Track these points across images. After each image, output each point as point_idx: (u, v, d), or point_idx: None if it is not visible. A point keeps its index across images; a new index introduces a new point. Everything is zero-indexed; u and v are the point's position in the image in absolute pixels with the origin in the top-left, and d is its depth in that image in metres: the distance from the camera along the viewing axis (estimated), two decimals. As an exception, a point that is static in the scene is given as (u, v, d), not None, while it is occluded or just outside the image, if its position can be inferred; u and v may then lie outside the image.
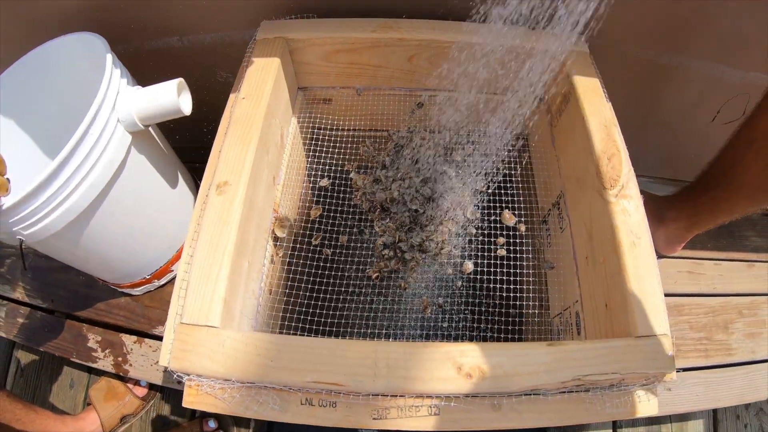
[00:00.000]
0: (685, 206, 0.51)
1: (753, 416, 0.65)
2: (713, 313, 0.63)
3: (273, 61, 0.36)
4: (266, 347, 0.25)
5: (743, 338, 0.61)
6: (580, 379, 0.25)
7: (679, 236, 0.56)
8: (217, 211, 0.29)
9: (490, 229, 0.37)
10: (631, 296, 0.27)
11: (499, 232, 0.38)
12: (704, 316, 0.63)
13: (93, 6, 0.45)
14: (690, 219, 0.52)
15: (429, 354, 0.24)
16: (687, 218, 0.52)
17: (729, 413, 0.64)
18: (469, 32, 0.37)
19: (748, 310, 0.64)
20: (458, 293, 0.35)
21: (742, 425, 0.64)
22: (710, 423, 0.64)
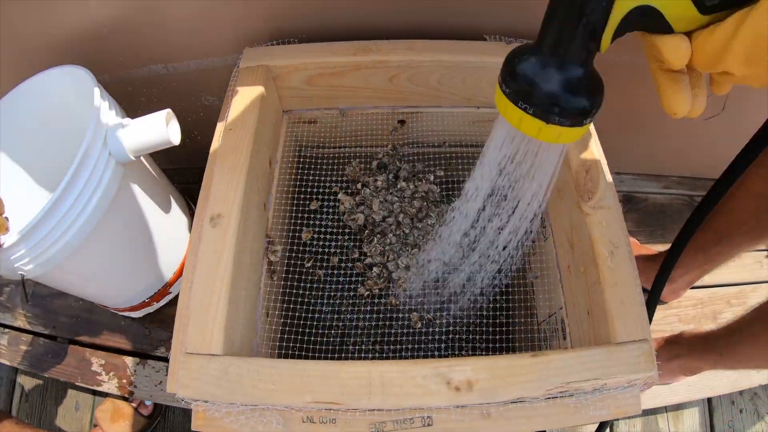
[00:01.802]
0: (695, 260, 0.52)
1: (748, 401, 0.66)
2: (701, 305, 0.64)
3: (257, 90, 0.37)
4: (267, 372, 0.26)
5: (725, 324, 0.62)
6: (564, 386, 0.26)
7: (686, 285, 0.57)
8: (212, 243, 0.30)
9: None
10: (610, 305, 0.29)
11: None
12: (692, 308, 0.64)
13: (78, 38, 0.46)
14: (702, 268, 0.53)
15: (420, 371, 0.25)
16: (698, 267, 0.53)
17: (724, 400, 0.66)
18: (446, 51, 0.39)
19: (736, 299, 0.65)
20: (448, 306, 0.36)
21: (737, 410, 0.66)
22: (705, 410, 0.65)
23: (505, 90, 0.23)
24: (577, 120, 0.22)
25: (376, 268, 0.38)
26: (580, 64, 0.21)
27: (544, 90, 0.21)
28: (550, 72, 0.21)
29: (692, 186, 0.74)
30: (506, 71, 0.23)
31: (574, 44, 0.21)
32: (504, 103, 0.23)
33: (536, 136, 0.23)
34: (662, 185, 0.74)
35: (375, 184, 0.42)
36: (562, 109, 0.21)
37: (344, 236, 0.41)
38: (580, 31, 0.20)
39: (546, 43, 0.21)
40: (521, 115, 0.22)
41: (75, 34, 0.46)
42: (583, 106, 0.22)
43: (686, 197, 0.73)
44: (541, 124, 0.22)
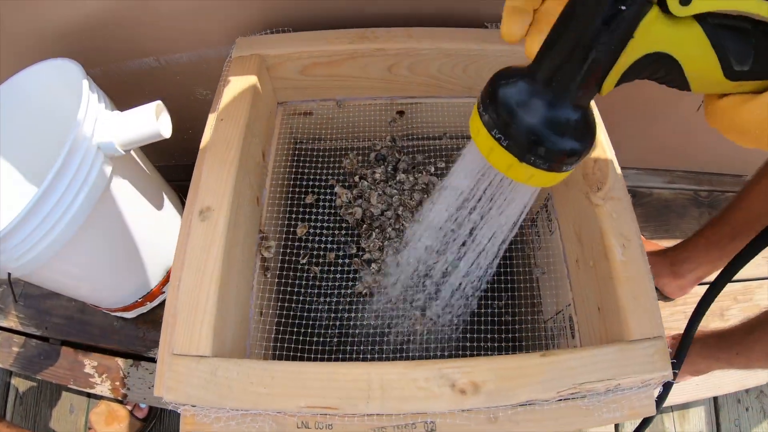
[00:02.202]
0: (708, 256, 0.50)
1: (754, 399, 0.65)
2: (708, 300, 0.63)
3: (249, 79, 0.35)
4: (258, 374, 0.24)
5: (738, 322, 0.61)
6: (576, 387, 0.25)
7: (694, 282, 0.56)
8: (201, 237, 0.28)
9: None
10: (623, 300, 0.27)
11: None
12: (700, 304, 0.63)
13: (69, 31, 0.45)
14: (714, 264, 0.51)
15: (422, 372, 0.24)
16: (709, 263, 0.51)
17: (730, 398, 0.64)
18: (447, 39, 0.37)
19: (742, 296, 0.64)
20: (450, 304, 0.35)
21: (743, 408, 0.65)
22: (711, 408, 0.64)
23: (482, 112, 0.20)
24: (557, 165, 0.19)
25: (375, 265, 0.36)
26: (574, 105, 0.18)
27: (524, 123, 0.18)
28: (536, 105, 0.18)
29: (697, 180, 0.73)
30: (487, 91, 0.20)
31: (573, 83, 0.18)
32: (477, 126, 0.20)
33: (505, 171, 0.20)
34: (666, 180, 0.73)
35: (373, 177, 0.41)
36: (541, 150, 0.18)
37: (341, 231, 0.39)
38: (583, 69, 0.17)
39: (540, 73, 0.18)
40: (493, 144, 0.19)
41: (66, 27, 0.44)
42: (567, 150, 0.19)
43: (691, 192, 0.72)
44: (513, 160, 0.19)
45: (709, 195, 0.72)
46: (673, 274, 0.55)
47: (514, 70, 0.20)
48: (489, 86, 0.20)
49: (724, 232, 0.48)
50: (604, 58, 0.17)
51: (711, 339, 0.48)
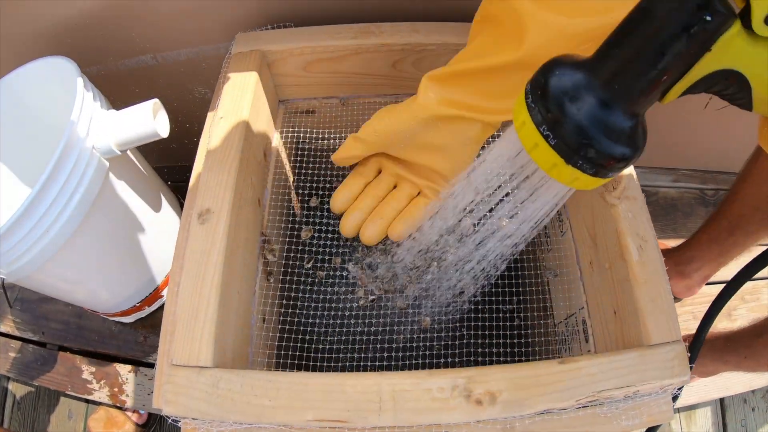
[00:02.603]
0: (710, 252, 0.49)
1: (760, 399, 0.65)
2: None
3: (250, 76, 0.34)
4: (262, 386, 0.23)
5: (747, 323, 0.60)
6: (595, 395, 0.24)
7: (702, 281, 0.55)
8: (200, 241, 0.27)
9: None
10: (641, 303, 0.26)
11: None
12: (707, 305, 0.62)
13: (64, 28, 0.43)
14: (717, 261, 0.50)
15: (435, 383, 0.23)
16: (713, 260, 0.50)
17: (736, 398, 0.64)
18: (454, 33, 0.36)
19: (750, 295, 0.63)
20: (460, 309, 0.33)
21: (750, 409, 0.64)
22: (718, 409, 0.63)
23: (530, 104, 0.18)
24: (603, 171, 0.18)
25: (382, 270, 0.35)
26: (632, 111, 0.17)
27: (577, 124, 0.17)
28: (592, 105, 0.17)
29: (703, 179, 0.72)
30: (539, 81, 0.18)
31: (636, 87, 0.16)
32: (522, 118, 0.19)
33: (548, 170, 0.19)
34: (672, 178, 0.72)
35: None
36: (592, 153, 0.17)
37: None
38: (650, 75, 0.16)
39: (601, 70, 0.17)
40: (539, 140, 0.18)
41: (61, 24, 0.43)
42: (617, 156, 0.17)
43: (697, 190, 0.71)
44: (559, 160, 0.18)
45: (715, 193, 0.71)
46: (680, 274, 0.54)
47: (572, 61, 0.18)
48: (541, 75, 0.18)
49: (721, 227, 0.47)
50: (675, 67, 0.16)
51: (719, 341, 0.47)
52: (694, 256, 0.52)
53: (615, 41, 0.17)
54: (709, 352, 0.47)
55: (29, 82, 0.44)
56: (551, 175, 0.19)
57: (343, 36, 0.36)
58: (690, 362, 0.26)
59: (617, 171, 0.18)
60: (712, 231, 0.49)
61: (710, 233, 0.49)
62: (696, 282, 0.55)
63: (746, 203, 0.44)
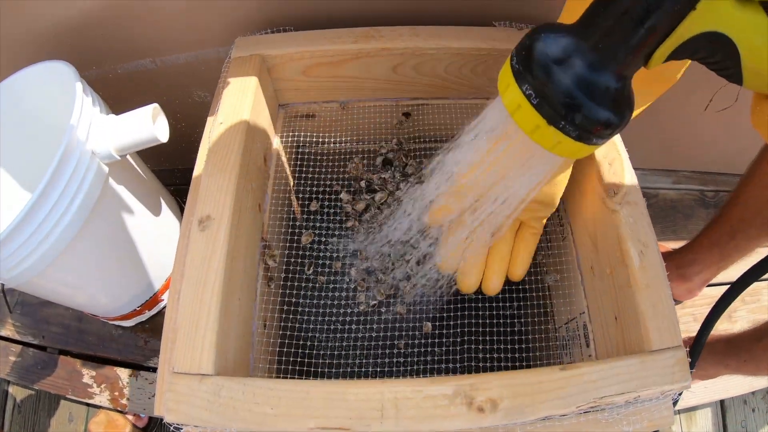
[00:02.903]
0: (711, 256, 0.49)
1: (760, 400, 0.65)
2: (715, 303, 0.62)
3: (250, 81, 0.34)
4: (264, 394, 0.23)
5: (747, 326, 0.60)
6: (596, 401, 0.24)
7: (702, 283, 0.55)
8: (201, 248, 0.27)
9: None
10: (642, 308, 0.26)
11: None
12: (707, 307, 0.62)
13: (63, 32, 0.43)
14: (718, 264, 0.50)
15: (438, 390, 0.23)
16: (714, 264, 0.50)
17: (736, 399, 0.64)
18: (454, 38, 0.36)
19: (750, 297, 0.63)
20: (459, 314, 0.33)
21: (750, 410, 0.64)
22: (718, 410, 0.63)
23: (514, 65, 0.18)
24: (586, 135, 0.17)
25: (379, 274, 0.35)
26: (618, 73, 0.17)
27: (560, 83, 0.17)
28: (577, 65, 0.17)
29: (703, 181, 0.72)
30: (524, 43, 0.18)
31: (622, 48, 0.16)
32: (507, 80, 0.18)
33: (530, 133, 0.18)
34: (672, 180, 0.72)
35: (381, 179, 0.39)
36: (576, 115, 0.17)
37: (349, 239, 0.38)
38: (637, 35, 0.16)
39: (587, 31, 0.17)
40: (521, 101, 0.18)
41: (60, 27, 0.43)
42: (603, 119, 0.17)
43: (697, 192, 0.71)
44: (541, 121, 0.18)
45: (715, 195, 0.71)
46: (680, 277, 0.54)
47: (558, 26, 0.18)
48: (527, 38, 0.18)
49: (723, 230, 0.47)
50: (660, 26, 0.16)
51: (719, 345, 0.47)
52: (695, 259, 0.52)
53: (602, 2, 0.17)
54: (710, 355, 0.47)
55: (28, 86, 0.44)
56: (533, 138, 0.18)
57: (343, 40, 0.36)
58: (690, 367, 0.26)
59: (602, 138, 0.18)
60: (713, 234, 0.49)
61: (711, 237, 0.49)
62: (697, 285, 0.55)
63: (748, 207, 0.43)
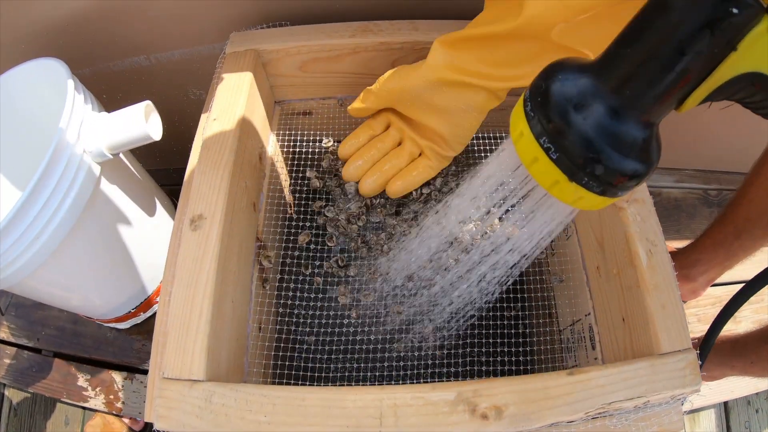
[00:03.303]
0: (716, 256, 0.48)
1: (764, 400, 0.64)
2: (720, 303, 0.61)
3: (245, 76, 0.33)
4: (257, 401, 0.22)
5: (752, 326, 0.59)
6: (605, 407, 0.23)
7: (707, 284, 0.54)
8: (192, 248, 0.26)
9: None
10: (651, 310, 0.25)
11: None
12: (711, 307, 0.61)
13: (56, 29, 0.42)
14: (722, 264, 0.49)
15: (440, 396, 0.22)
16: (719, 264, 0.49)
17: (740, 400, 0.63)
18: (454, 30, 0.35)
19: (755, 297, 0.62)
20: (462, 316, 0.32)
21: (754, 410, 0.63)
22: (722, 411, 0.62)
23: (528, 112, 0.16)
24: (612, 189, 0.16)
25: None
26: (646, 121, 0.15)
27: (582, 135, 0.15)
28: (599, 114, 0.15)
29: (706, 179, 0.71)
30: (539, 86, 0.16)
31: (650, 93, 0.14)
32: (521, 129, 0.16)
33: (548, 188, 0.16)
34: (675, 179, 0.71)
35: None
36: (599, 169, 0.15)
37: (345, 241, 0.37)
38: (667, 79, 0.14)
39: (610, 73, 0.15)
40: (538, 154, 0.16)
41: (52, 26, 0.42)
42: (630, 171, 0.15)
43: (700, 191, 0.71)
44: (561, 177, 0.16)
45: (719, 194, 0.70)
46: (684, 277, 0.53)
47: (576, 64, 0.16)
48: (542, 80, 0.16)
49: (728, 230, 0.46)
50: (695, 69, 0.14)
51: (725, 346, 0.46)
52: (700, 259, 0.51)
53: (626, 40, 0.15)
54: (716, 356, 0.46)
55: (20, 84, 0.43)
56: (552, 193, 0.17)
57: (340, 34, 0.35)
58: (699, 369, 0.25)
59: (627, 190, 0.16)
60: (718, 234, 0.48)
61: (716, 236, 0.48)
62: (701, 285, 0.54)
63: (754, 207, 0.42)
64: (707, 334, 0.28)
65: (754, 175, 0.42)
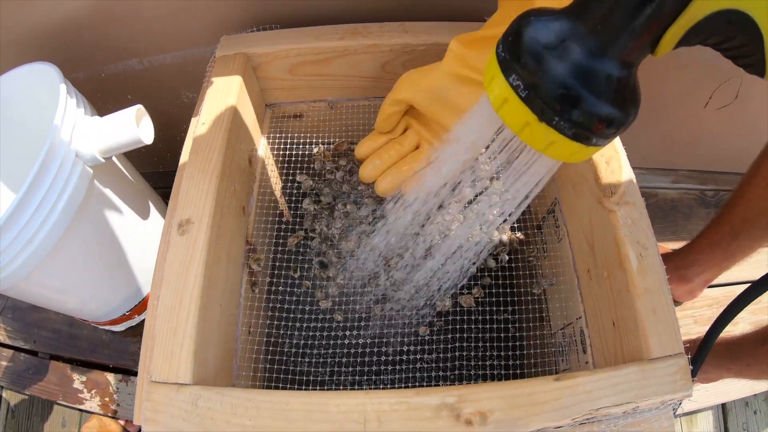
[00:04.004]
0: (713, 257, 0.48)
1: (762, 402, 0.63)
2: (717, 305, 0.61)
3: (234, 80, 0.33)
4: (242, 405, 0.22)
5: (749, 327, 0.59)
6: (592, 413, 0.23)
7: (703, 284, 0.54)
8: (180, 253, 0.26)
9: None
10: (641, 314, 0.25)
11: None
12: (708, 309, 0.61)
13: (48, 34, 0.42)
14: (720, 265, 0.49)
15: (423, 401, 0.21)
16: (716, 265, 0.49)
17: (738, 401, 0.62)
18: (445, 33, 0.35)
19: (754, 297, 0.62)
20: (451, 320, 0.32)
21: (752, 412, 0.63)
22: (719, 412, 0.62)
23: (500, 53, 0.16)
24: (585, 133, 0.15)
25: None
26: (622, 60, 0.15)
27: (553, 71, 0.14)
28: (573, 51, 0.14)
29: (702, 180, 0.71)
30: (512, 29, 0.16)
31: (626, 31, 0.14)
32: (492, 72, 0.16)
33: (518, 131, 0.16)
34: (672, 179, 0.71)
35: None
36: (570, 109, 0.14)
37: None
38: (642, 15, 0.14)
39: (583, 13, 0.15)
40: (508, 94, 0.15)
41: (45, 29, 0.42)
42: (604, 115, 0.15)
43: (697, 191, 0.70)
44: (531, 117, 0.15)
45: (715, 194, 0.70)
46: (681, 278, 0.53)
47: (550, 10, 0.16)
48: (515, 23, 0.16)
49: (725, 230, 0.46)
50: (668, 7, 0.13)
51: (721, 348, 0.46)
52: (697, 260, 0.50)
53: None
54: (712, 359, 0.46)
55: (13, 89, 0.43)
56: (522, 137, 0.16)
57: (329, 37, 0.35)
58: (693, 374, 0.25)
59: (603, 138, 0.16)
60: (714, 235, 0.47)
61: (713, 237, 0.48)
62: (697, 286, 0.54)
63: (751, 207, 0.42)
64: (706, 337, 0.28)
65: (751, 175, 0.42)
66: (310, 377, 0.30)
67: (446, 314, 0.32)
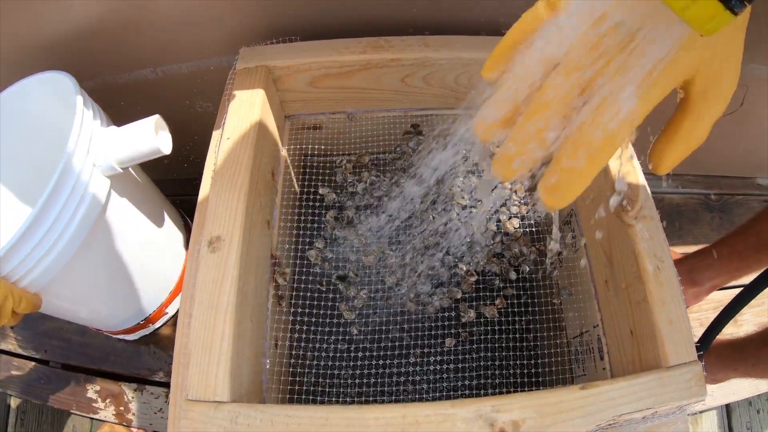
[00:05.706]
0: (729, 265, 0.48)
1: (765, 401, 0.65)
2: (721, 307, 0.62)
3: (257, 93, 0.33)
4: (282, 421, 0.23)
5: (753, 329, 0.60)
6: (615, 418, 0.24)
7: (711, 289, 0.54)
8: (212, 270, 0.26)
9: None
10: (659, 325, 0.26)
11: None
12: (713, 311, 0.62)
13: (61, 42, 0.42)
14: (732, 274, 0.49)
15: (460, 413, 0.22)
16: (729, 273, 0.49)
17: (742, 401, 0.64)
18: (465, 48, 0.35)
19: (756, 301, 0.63)
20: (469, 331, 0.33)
21: (755, 411, 0.64)
22: (723, 412, 0.63)
23: None
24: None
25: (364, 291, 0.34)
26: None
27: None
28: None
29: (707, 184, 0.72)
30: None
31: None
32: None
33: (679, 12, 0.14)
34: (677, 184, 0.72)
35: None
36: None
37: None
38: None
39: None
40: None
41: (58, 38, 0.42)
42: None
43: (701, 196, 0.71)
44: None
45: (719, 198, 0.71)
46: (691, 282, 0.54)
47: None
48: None
49: (749, 242, 0.46)
50: None
51: (726, 349, 0.47)
52: (711, 266, 0.51)
53: None
54: (718, 360, 0.47)
55: (28, 98, 0.43)
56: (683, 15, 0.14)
57: (351, 51, 0.35)
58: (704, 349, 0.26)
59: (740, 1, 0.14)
60: (736, 244, 0.48)
61: (735, 246, 0.48)
62: (706, 290, 0.55)
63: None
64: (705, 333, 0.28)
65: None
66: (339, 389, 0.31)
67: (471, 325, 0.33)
